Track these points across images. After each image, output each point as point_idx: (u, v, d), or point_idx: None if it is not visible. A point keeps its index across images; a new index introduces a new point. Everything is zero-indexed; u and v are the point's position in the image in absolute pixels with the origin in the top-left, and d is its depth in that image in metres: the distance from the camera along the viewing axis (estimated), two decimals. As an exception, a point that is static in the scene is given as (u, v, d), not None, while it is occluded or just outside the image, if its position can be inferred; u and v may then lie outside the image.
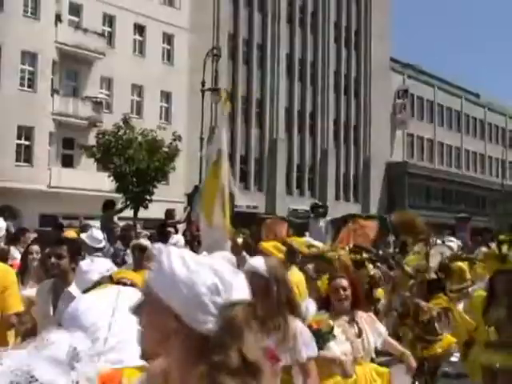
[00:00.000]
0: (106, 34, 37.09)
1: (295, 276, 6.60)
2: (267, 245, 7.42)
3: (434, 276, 7.53)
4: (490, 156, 70.07)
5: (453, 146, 65.37)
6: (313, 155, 50.50)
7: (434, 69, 67.41)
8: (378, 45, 55.03)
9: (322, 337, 4.48)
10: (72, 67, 35.55)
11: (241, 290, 1.71)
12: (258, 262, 3.84)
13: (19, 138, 32.65)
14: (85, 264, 3.99)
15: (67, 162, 34.97)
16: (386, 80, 55.77)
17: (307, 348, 3.78)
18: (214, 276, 1.68)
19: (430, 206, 55.28)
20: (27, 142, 32.90)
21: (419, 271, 7.55)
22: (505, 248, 6.02)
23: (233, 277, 1.71)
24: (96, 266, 3.89)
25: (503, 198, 49.92)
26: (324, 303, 5.34)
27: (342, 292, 5.01)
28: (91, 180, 33.11)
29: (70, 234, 8.36)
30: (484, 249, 9.90)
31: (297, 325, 3.79)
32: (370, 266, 8.55)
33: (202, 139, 25.91)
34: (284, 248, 7.33)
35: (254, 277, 3.53)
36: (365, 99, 54.67)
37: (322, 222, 11.66)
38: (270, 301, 3.68)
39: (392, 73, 57.38)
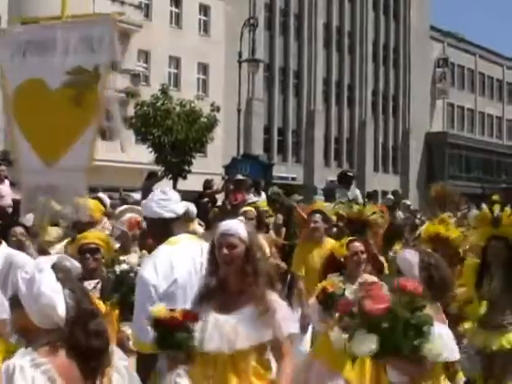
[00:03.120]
0: (143, 6, 37.08)
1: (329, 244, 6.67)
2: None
3: None
4: (532, 125, 68.61)
5: (494, 116, 64.10)
6: (351, 126, 50.06)
7: (474, 37, 65.86)
8: (418, 13, 53.97)
9: (332, 297, 4.57)
10: (110, 40, 35.64)
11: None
12: (236, 227, 3.53)
13: (60, 111, 32.98)
14: None
15: (106, 134, 35.22)
16: (426, 49, 54.73)
17: (287, 324, 3.42)
18: None
19: (470, 176, 54.49)
20: (68, 116, 33.23)
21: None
22: (497, 209, 5.54)
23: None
24: None
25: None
26: (339, 266, 5.41)
27: (359, 255, 5.14)
28: (130, 152, 33.31)
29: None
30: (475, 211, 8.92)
31: (275, 299, 3.46)
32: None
33: (239, 111, 25.82)
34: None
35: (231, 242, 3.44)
36: (404, 69, 53.81)
37: (349, 192, 11.57)
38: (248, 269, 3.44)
39: (432, 41, 56.25)
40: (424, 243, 6.45)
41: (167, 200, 4.02)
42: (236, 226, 3.50)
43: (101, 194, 8.38)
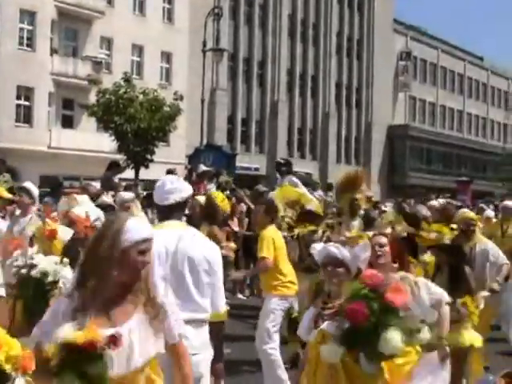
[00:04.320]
0: (106, -7, 36.57)
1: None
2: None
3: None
4: (491, 119, 69.70)
5: (455, 109, 64.98)
6: (314, 118, 50.23)
7: (437, 31, 66.58)
8: (381, 6, 54.33)
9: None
10: (71, 26, 35.13)
11: None
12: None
13: (18, 98, 32.43)
14: None
15: (67, 122, 34.80)
16: (389, 42, 55.15)
17: (180, 326, 2.97)
18: None
19: (430, 169, 55.23)
20: (27, 103, 32.68)
21: None
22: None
23: None
24: None
25: (504, 161, 49.76)
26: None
27: (379, 248, 5.04)
28: (91, 141, 32.98)
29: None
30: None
31: (167, 302, 2.97)
32: None
33: (202, 100, 25.67)
34: None
35: None
36: (367, 61, 54.14)
37: (286, 181, 11.55)
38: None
39: (395, 34, 56.70)
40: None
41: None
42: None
43: (27, 184, 7.49)
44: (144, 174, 25.86)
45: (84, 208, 5.93)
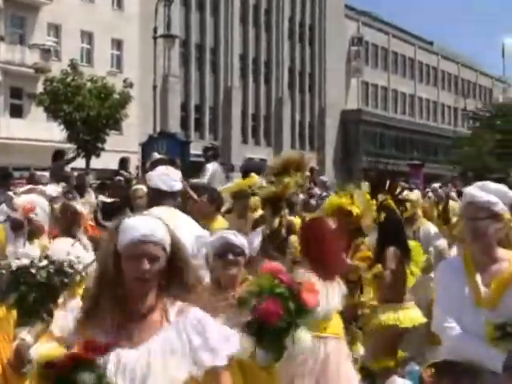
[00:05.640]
0: (53, -22, 35.75)
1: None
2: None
3: None
4: (442, 103, 70.76)
5: (406, 94, 65.74)
6: (268, 104, 50.20)
7: (388, 16, 67.15)
8: (333, -9, 54.43)
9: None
10: (18, 13, 34.31)
11: None
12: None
13: (-35, 87, 31.62)
14: None
15: (16, 112, 34.04)
16: (341, 27, 55.36)
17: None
18: None
19: (383, 153, 55.79)
20: (-26, 92, 31.89)
21: None
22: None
23: None
24: None
25: (455, 144, 50.51)
26: None
27: None
28: (41, 130, 32.31)
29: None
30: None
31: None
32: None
33: (155, 87, 25.35)
34: None
35: None
36: (319, 47, 54.27)
37: (210, 166, 11.45)
38: None
39: (347, 20, 56.95)
40: (326, 215, 6.30)
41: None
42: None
43: None
44: (96, 163, 25.48)
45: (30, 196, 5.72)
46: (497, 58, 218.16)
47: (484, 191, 3.26)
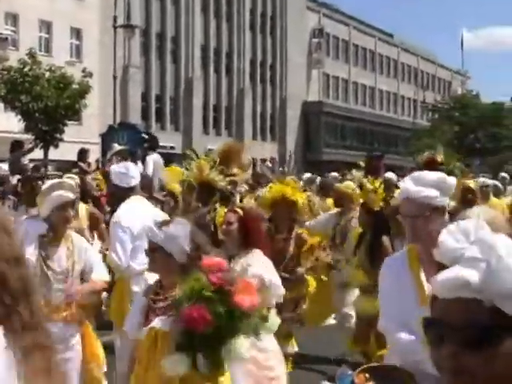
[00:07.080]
0: (9, -34, 35.01)
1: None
2: None
3: None
4: (402, 96, 71.49)
5: (367, 86, 66.23)
6: (229, 94, 50.08)
7: (349, 8, 67.47)
8: (294, -18, 54.45)
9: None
10: (-27, 1, 33.53)
11: None
12: None
13: None
14: None
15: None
16: (302, 19, 55.46)
17: None
18: None
19: (345, 145, 56.20)
20: None
21: None
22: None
23: None
24: None
25: (414, 136, 51.10)
26: None
27: (225, 226, 5.09)
28: (-1, 120, 31.69)
29: None
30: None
31: None
32: None
33: (115, 77, 25.09)
34: None
35: None
36: (281, 38, 54.30)
37: (150, 158, 11.45)
38: None
39: (308, 11, 57.06)
40: (264, 205, 6.24)
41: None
42: None
43: None
44: (54, 153, 25.11)
45: None
46: (456, 51, 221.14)
47: (420, 184, 2.95)
